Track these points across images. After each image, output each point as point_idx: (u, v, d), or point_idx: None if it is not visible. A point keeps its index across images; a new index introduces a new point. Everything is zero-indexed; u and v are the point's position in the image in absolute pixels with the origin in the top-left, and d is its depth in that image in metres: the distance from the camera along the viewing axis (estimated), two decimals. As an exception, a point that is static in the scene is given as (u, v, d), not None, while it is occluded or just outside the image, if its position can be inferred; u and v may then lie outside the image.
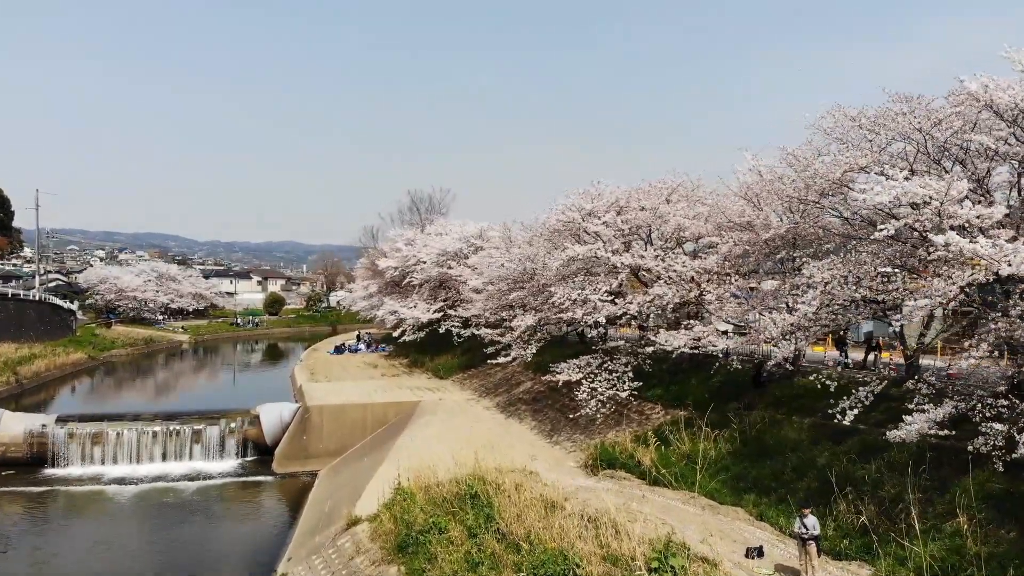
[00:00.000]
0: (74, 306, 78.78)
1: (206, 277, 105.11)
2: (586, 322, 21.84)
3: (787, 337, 14.67)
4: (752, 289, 21.00)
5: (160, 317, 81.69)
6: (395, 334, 41.92)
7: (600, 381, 21.73)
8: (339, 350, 50.21)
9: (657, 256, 20.13)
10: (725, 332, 22.54)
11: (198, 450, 30.00)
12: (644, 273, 22.62)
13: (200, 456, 29.87)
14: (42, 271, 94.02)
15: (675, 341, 18.26)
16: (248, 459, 30.18)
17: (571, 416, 24.26)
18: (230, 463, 29.61)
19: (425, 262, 40.21)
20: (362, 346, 52.27)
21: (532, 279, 26.72)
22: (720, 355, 18.10)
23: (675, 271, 19.57)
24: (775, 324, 14.33)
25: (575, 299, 21.86)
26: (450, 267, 37.64)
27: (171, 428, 30.17)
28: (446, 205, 68.57)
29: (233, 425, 30.56)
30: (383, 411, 28.91)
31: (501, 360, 26.73)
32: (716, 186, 23.66)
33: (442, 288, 40.75)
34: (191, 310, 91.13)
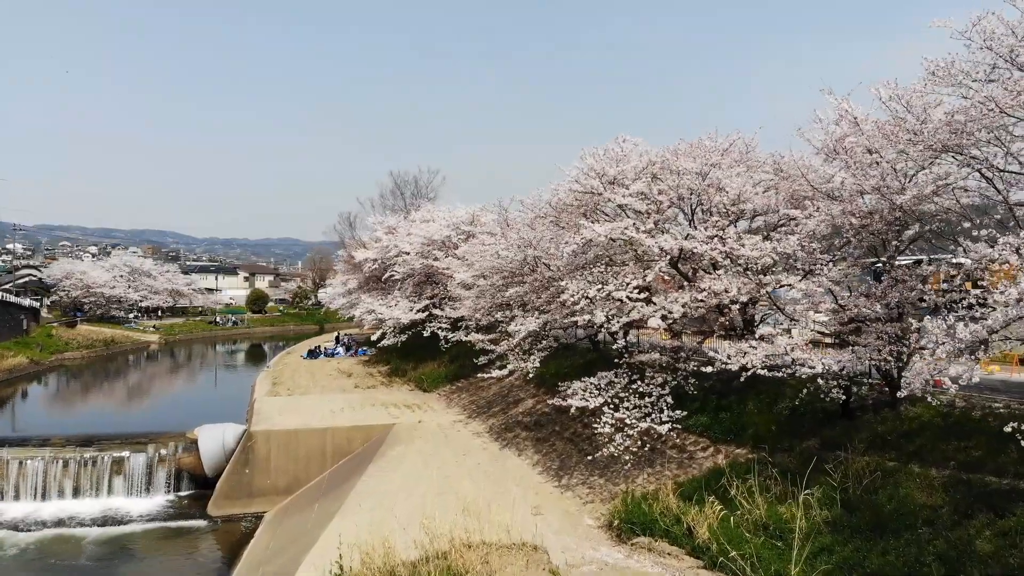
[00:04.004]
0: (38, 303, 73.14)
1: (185, 272, 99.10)
2: (609, 328, 16.04)
3: (966, 355, 8.90)
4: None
5: (131, 316, 75.80)
6: (373, 337, 36.09)
7: (628, 409, 15.93)
8: (313, 354, 44.33)
9: (713, 237, 14.28)
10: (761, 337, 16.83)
11: (119, 483, 24.20)
12: (684, 262, 16.83)
13: (122, 491, 24.09)
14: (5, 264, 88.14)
15: (748, 356, 12.47)
16: (183, 494, 24.43)
17: (586, 450, 18.51)
18: (158, 501, 23.83)
19: (408, 253, 34.33)
20: (340, 349, 46.39)
21: (535, 271, 20.93)
22: (820, 377, 12.29)
23: (741, 256, 13.76)
24: (951, 335, 8.53)
25: (593, 297, 16.03)
26: (436, 258, 31.78)
27: (86, 456, 24.41)
28: (434, 189, 61.62)
29: (164, 452, 24.77)
30: (347, 438, 23.08)
31: (496, 373, 20.92)
32: (777, 148, 17.94)
33: (428, 284, 34.92)
34: (167, 308, 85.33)
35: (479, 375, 25.02)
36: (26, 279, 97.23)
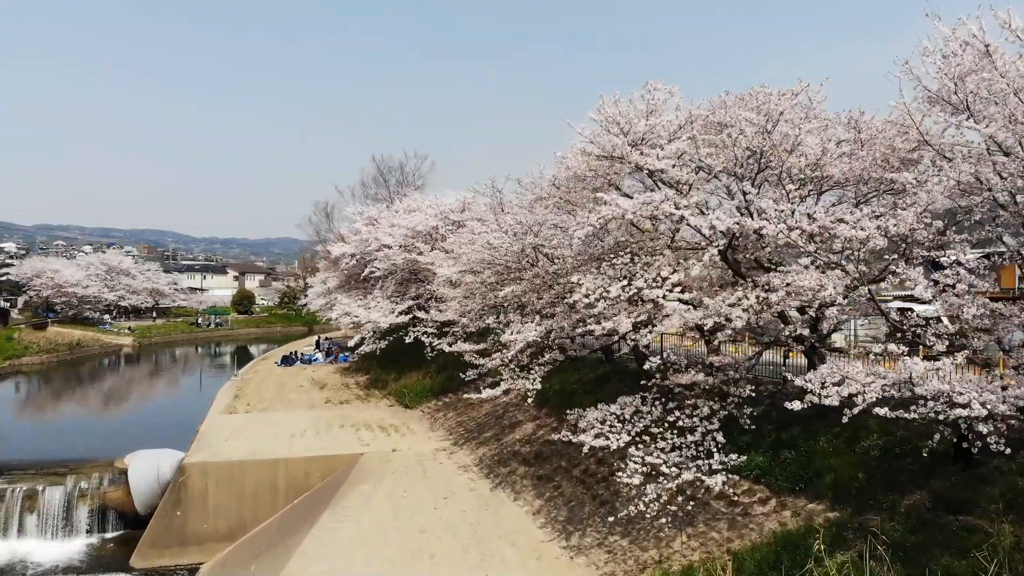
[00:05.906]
0: (9, 304, 69.10)
1: (167, 271, 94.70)
2: (638, 340, 11.80)
3: None
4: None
5: (105, 317, 71.48)
6: (351, 342, 31.84)
7: (664, 451, 11.69)
8: (288, 360, 39.99)
9: (788, 212, 10.02)
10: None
11: (31, 523, 19.94)
12: (734, 251, 12.59)
13: (34, 532, 19.85)
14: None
15: (853, 386, 8.23)
16: (109, 535, 20.21)
17: (602, 496, 14.31)
18: (76, 545, 19.57)
19: (390, 247, 30.07)
20: (319, 355, 42.07)
21: (535, 265, 16.73)
22: (980, 421, 8.07)
23: (837, 238, 9.55)
24: None
25: (616, 296, 11.80)
26: (420, 252, 27.53)
27: (-9, 489, 20.20)
28: (422, 176, 56.48)
29: (85, 485, 20.52)
30: (304, 471, 18.81)
31: (486, 394, 16.68)
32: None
33: (413, 282, 30.66)
34: (150, 308, 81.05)
35: (471, 386, 20.80)
36: (2, 278, 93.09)
